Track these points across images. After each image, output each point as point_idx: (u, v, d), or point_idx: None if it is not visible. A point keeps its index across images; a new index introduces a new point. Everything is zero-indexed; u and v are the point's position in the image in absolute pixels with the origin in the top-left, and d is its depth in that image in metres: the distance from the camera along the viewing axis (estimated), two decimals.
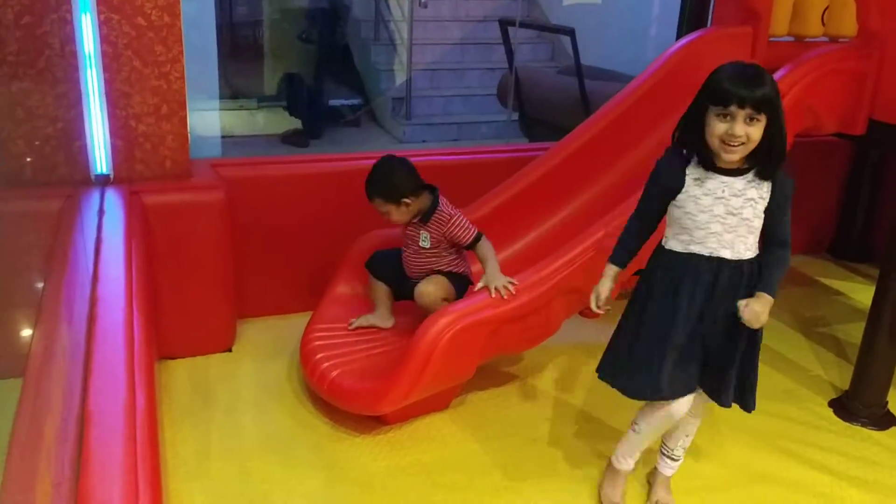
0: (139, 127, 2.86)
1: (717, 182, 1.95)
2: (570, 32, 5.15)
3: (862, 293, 3.94)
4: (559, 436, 2.70)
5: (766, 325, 2.04)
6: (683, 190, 1.97)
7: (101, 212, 2.58)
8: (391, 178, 2.68)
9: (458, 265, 2.82)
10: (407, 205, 2.69)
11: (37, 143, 2.78)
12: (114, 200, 2.70)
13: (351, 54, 7.14)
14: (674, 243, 2.04)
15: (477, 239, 2.71)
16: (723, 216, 1.95)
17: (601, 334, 3.36)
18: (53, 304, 2.07)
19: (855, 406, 2.86)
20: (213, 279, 2.98)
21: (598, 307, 2.18)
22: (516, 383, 3.00)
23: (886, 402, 2.87)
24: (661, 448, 2.35)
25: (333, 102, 6.65)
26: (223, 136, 5.79)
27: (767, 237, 2.04)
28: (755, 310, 1.99)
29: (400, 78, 6.66)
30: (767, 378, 3.11)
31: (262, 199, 3.21)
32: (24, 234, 2.67)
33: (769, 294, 2.02)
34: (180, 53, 2.84)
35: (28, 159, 2.80)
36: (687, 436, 2.31)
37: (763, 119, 1.86)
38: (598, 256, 2.66)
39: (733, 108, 1.84)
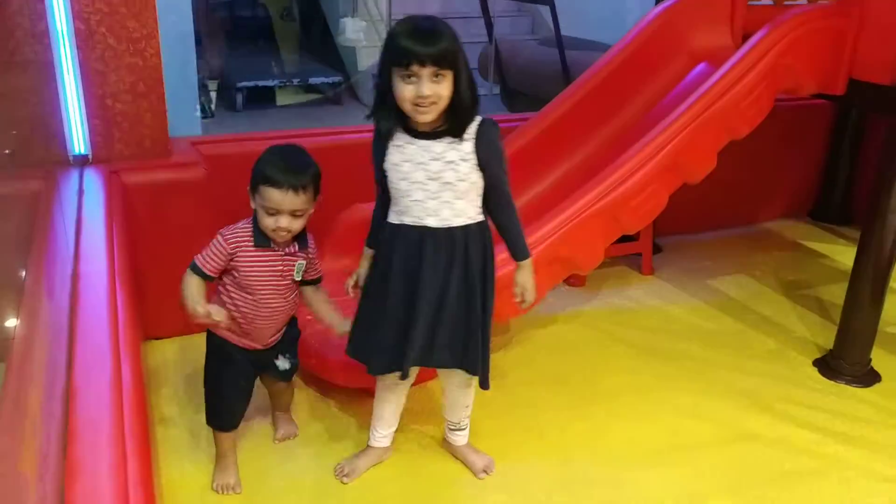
0: (116, 105, 2.82)
1: (415, 147, 1.89)
2: (550, 3, 5.12)
3: (844, 255, 3.98)
4: (552, 399, 2.71)
5: (751, 289, 2.03)
6: (386, 159, 1.93)
7: (80, 192, 2.55)
8: (317, 167, 2.04)
9: (293, 320, 2.30)
10: (308, 210, 2.05)
11: (12, 124, 2.74)
12: (93, 180, 2.67)
13: (329, 31, 7.07)
14: (391, 215, 2.00)
15: (320, 278, 2.25)
16: (423, 182, 1.90)
17: (587, 302, 3.41)
18: (35, 284, 2.05)
19: (839, 364, 2.90)
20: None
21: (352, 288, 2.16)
22: (503, 351, 3.00)
23: (870, 360, 2.90)
24: (448, 425, 2.35)
25: (313, 80, 6.58)
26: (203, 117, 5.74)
27: (492, 197, 1.97)
28: (521, 282, 2.04)
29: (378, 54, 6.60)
30: (754, 339, 3.18)
31: (244, 176, 3.16)
32: (2, 215, 2.63)
33: (525, 258, 2.05)
34: (155, 30, 2.79)
35: (4, 141, 2.76)
36: (466, 406, 2.30)
37: (449, 74, 1.79)
38: (584, 224, 2.67)
39: (415, 68, 1.76)
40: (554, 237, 2.61)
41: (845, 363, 2.88)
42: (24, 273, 2.14)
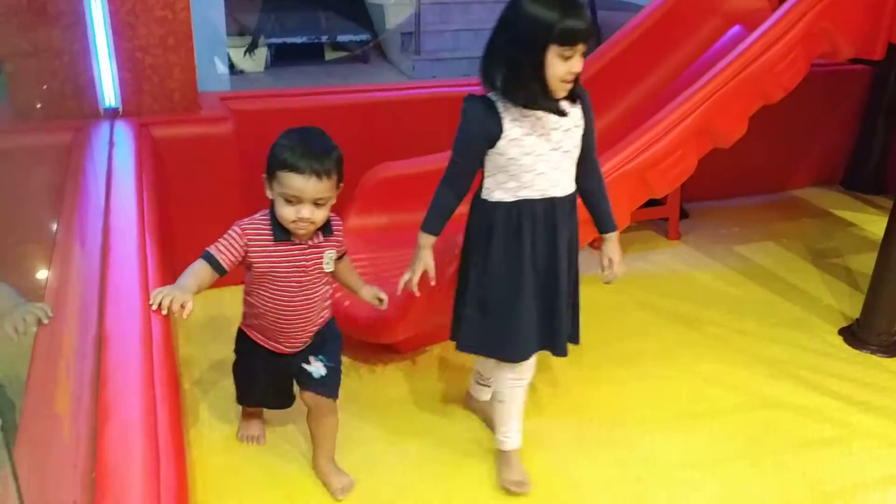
0: (146, 59, 2.83)
1: (533, 119, 1.84)
2: None
3: (875, 225, 3.92)
4: (576, 360, 2.71)
5: (778, 257, 2.02)
6: (503, 136, 1.85)
7: (111, 144, 2.58)
8: (339, 151, 1.87)
9: (331, 318, 2.11)
10: (332, 198, 1.88)
11: (44, 77, 2.76)
12: (123, 133, 2.70)
13: None
14: (498, 193, 1.91)
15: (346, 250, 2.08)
16: (546, 154, 1.87)
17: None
18: (67, 233, 2.08)
19: (865, 334, 2.87)
20: (224, 210, 2.97)
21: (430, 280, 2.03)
22: None
23: None
24: (477, 379, 2.35)
25: (341, 38, 6.55)
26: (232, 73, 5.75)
27: (588, 164, 1.98)
28: (609, 254, 2.05)
29: (408, 12, 6.54)
30: (779, 307, 3.16)
31: (272, 132, 3.17)
32: (35, 167, 2.67)
33: (614, 229, 2.06)
34: None
35: (36, 94, 2.79)
36: None
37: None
38: (612, 185, 2.64)
39: (579, 46, 1.76)
40: None
41: (871, 332, 2.85)
42: (56, 222, 2.18)
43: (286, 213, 1.80)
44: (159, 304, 1.62)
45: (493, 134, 1.85)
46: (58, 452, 1.17)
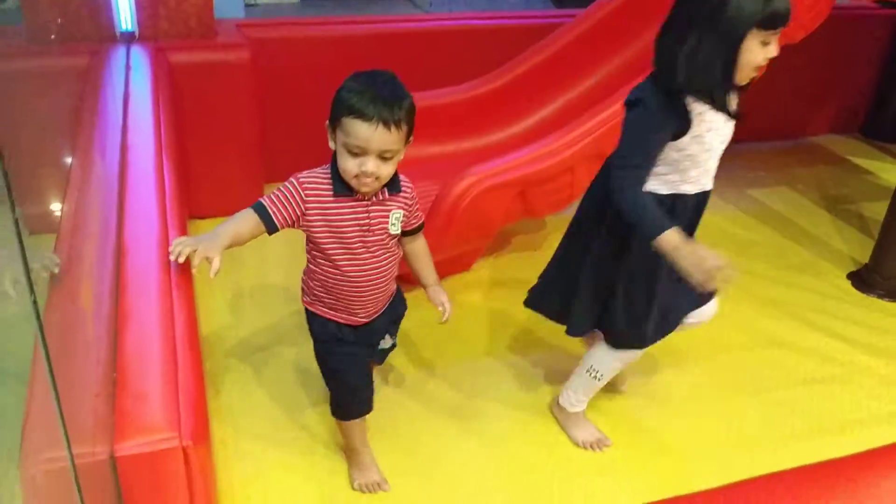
0: None
1: (712, 114, 1.70)
2: None
3: (891, 173, 3.91)
4: None
5: (792, 202, 1.98)
6: (691, 130, 1.69)
7: (127, 67, 2.58)
8: (411, 99, 1.59)
9: (398, 292, 1.92)
10: (400, 152, 1.62)
11: (60, 0, 2.76)
12: (140, 57, 2.70)
13: None
14: (657, 186, 1.78)
15: (423, 222, 1.84)
16: (718, 149, 1.77)
17: None
18: (85, 154, 2.11)
19: (873, 278, 2.89)
20: (240, 139, 3.01)
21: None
22: (538, 250, 3.04)
23: None
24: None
25: None
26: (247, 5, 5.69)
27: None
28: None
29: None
30: (789, 250, 3.17)
31: (288, 60, 3.19)
32: (52, 89, 2.68)
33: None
34: None
35: (53, 16, 2.78)
36: None
37: None
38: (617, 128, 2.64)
39: (780, 30, 1.60)
40: (597, 133, 2.59)
41: (880, 277, 2.87)
42: (74, 142, 2.20)
43: (349, 165, 1.56)
44: (178, 256, 1.44)
45: (679, 129, 1.68)
46: (83, 346, 1.22)
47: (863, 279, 2.92)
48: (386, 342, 1.89)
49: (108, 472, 1.08)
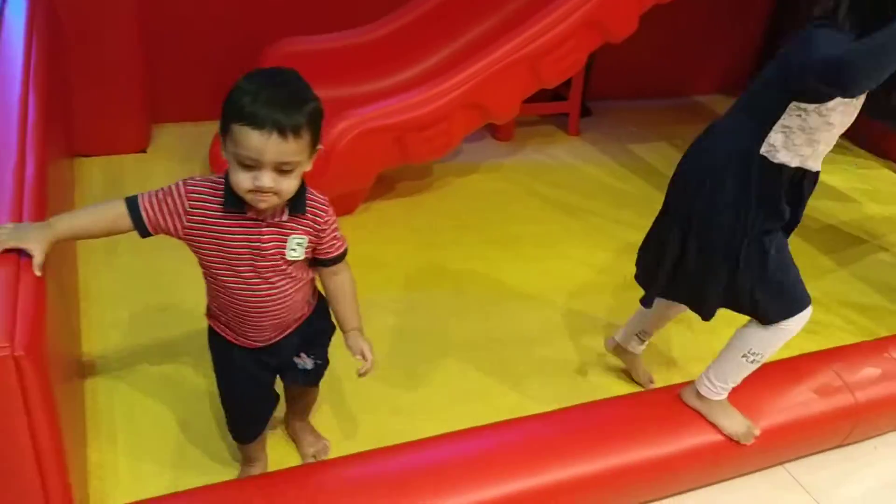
0: None
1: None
2: None
3: None
4: (458, 239, 2.89)
5: (669, 157, 2.10)
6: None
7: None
8: (317, 103, 1.41)
9: (318, 307, 1.71)
10: (302, 164, 1.41)
11: None
12: None
13: None
14: (786, 156, 1.70)
15: (345, 252, 1.62)
16: (847, 125, 1.69)
17: (510, 156, 3.55)
18: None
19: None
20: (125, 75, 2.99)
21: None
22: (423, 195, 3.16)
23: None
24: (639, 335, 2.29)
25: None
26: None
27: None
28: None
29: None
30: (657, 200, 3.11)
31: None
32: None
33: None
34: None
35: None
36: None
37: None
38: (502, 73, 2.76)
39: None
40: (472, 83, 2.71)
41: None
42: None
43: (241, 179, 1.35)
44: None
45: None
46: None
47: None
48: (305, 362, 1.70)
49: None
